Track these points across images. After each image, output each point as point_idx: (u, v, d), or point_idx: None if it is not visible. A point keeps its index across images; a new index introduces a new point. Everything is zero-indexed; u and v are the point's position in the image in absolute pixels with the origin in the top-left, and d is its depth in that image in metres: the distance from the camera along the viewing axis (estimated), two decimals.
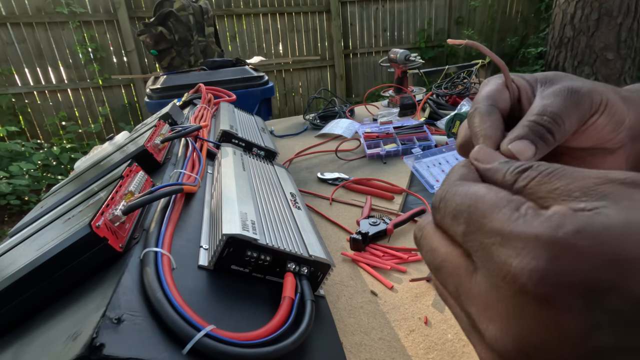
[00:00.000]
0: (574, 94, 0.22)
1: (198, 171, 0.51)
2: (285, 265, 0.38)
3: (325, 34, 4.21)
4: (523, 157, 0.20)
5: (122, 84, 3.56)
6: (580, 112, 0.22)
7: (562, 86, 0.22)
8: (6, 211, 2.59)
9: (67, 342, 0.23)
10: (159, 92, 1.66)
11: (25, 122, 3.27)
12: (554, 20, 4.07)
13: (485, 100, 0.23)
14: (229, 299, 0.34)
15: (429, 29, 4.62)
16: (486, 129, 0.22)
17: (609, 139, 0.23)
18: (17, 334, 0.29)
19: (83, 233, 0.29)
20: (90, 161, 0.69)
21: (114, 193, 0.36)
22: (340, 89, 4.37)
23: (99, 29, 3.39)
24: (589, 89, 0.22)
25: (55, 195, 0.59)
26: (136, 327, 0.25)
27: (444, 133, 1.09)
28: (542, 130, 0.21)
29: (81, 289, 0.30)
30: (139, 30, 2.06)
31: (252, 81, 1.75)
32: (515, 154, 0.20)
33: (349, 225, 0.71)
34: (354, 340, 0.46)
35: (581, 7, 3.75)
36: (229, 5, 3.77)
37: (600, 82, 0.24)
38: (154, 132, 0.58)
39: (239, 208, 0.40)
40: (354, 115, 1.43)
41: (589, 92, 0.22)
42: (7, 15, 3.06)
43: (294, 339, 0.30)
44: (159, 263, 0.31)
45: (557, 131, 0.21)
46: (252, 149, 0.72)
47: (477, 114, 0.23)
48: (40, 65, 3.26)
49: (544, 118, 0.21)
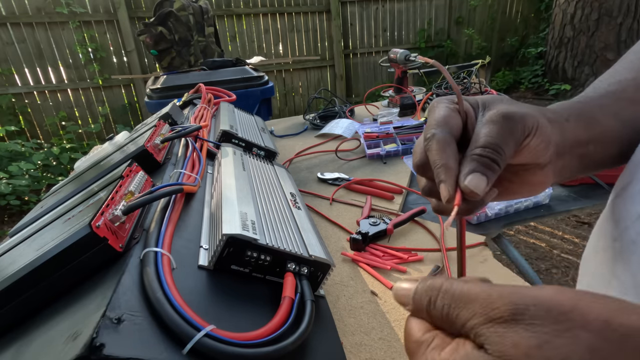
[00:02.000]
0: (509, 120, 0.25)
1: (198, 171, 0.51)
2: (285, 265, 0.38)
3: (325, 34, 4.21)
4: (479, 190, 0.24)
5: (122, 84, 3.56)
6: (515, 137, 0.25)
7: (498, 112, 0.25)
8: (6, 211, 2.59)
9: (67, 342, 0.23)
10: (159, 92, 1.66)
11: (25, 122, 3.27)
12: (554, 20, 4.08)
13: (442, 127, 0.26)
14: (229, 299, 0.34)
15: (429, 29, 4.62)
16: (447, 161, 0.25)
17: (540, 156, 0.26)
18: (17, 334, 0.29)
19: (83, 233, 0.29)
20: (90, 161, 0.69)
21: (114, 193, 0.36)
22: (340, 89, 4.37)
23: (99, 29, 3.39)
24: (522, 114, 0.25)
25: (55, 195, 0.59)
26: (136, 327, 0.25)
27: None
28: (488, 161, 0.24)
29: (81, 289, 0.30)
30: (139, 30, 2.06)
31: (252, 81, 1.75)
32: (473, 189, 0.24)
33: (349, 225, 0.71)
34: (354, 340, 0.46)
35: (581, 7, 3.75)
36: (229, 5, 3.78)
37: (531, 106, 0.27)
38: (154, 132, 0.58)
39: (239, 208, 0.40)
40: (354, 115, 1.43)
41: (521, 118, 0.25)
42: (7, 15, 3.06)
43: (294, 339, 0.30)
44: (159, 263, 0.31)
45: (500, 160, 0.24)
46: (252, 149, 0.72)
47: (436, 142, 0.25)
48: (40, 65, 3.26)
49: (486, 150, 0.24)
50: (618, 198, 0.30)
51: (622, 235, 0.27)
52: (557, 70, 4.18)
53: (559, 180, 0.31)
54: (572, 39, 3.91)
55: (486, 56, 3.79)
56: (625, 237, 0.27)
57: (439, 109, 0.27)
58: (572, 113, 0.29)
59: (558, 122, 0.28)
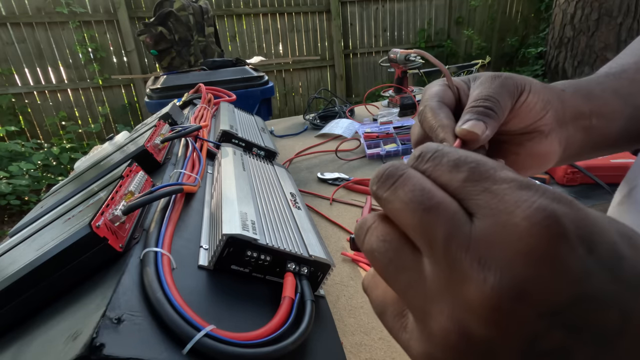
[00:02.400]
0: (497, 78, 0.26)
1: (198, 171, 0.51)
2: (285, 265, 0.38)
3: (325, 34, 4.21)
4: (478, 131, 0.23)
5: (122, 84, 3.56)
6: (508, 90, 0.25)
7: (486, 76, 0.27)
8: (6, 211, 2.59)
9: (67, 342, 0.23)
10: (159, 92, 1.66)
11: (25, 122, 3.27)
12: (554, 20, 4.07)
13: (433, 98, 0.27)
14: (229, 299, 0.34)
15: (429, 29, 4.62)
16: (442, 120, 0.25)
17: (540, 116, 0.26)
18: (17, 334, 0.29)
19: (83, 233, 0.29)
20: (90, 161, 0.69)
21: (114, 193, 0.36)
22: (340, 89, 4.37)
23: (99, 29, 3.39)
24: (511, 75, 0.26)
25: (55, 195, 0.59)
26: (136, 327, 0.25)
27: None
28: (484, 109, 0.24)
29: (81, 289, 0.30)
30: (139, 30, 2.06)
31: (252, 81, 1.75)
32: (470, 129, 0.23)
33: (349, 225, 0.71)
34: (354, 340, 0.46)
35: (581, 7, 3.75)
36: (229, 5, 3.77)
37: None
38: (154, 132, 0.58)
39: (239, 208, 0.40)
40: (354, 115, 1.43)
41: (509, 76, 0.26)
42: (7, 15, 3.06)
43: (294, 339, 0.30)
44: (159, 263, 0.31)
45: (496, 107, 0.24)
46: (252, 149, 0.72)
47: (429, 110, 0.26)
48: (40, 65, 3.26)
49: (479, 101, 0.24)
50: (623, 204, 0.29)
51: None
52: (557, 70, 4.18)
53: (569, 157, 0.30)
54: (572, 39, 3.91)
55: (486, 56, 3.79)
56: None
57: (431, 88, 0.28)
58: (569, 86, 0.29)
59: (553, 89, 0.28)
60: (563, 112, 0.28)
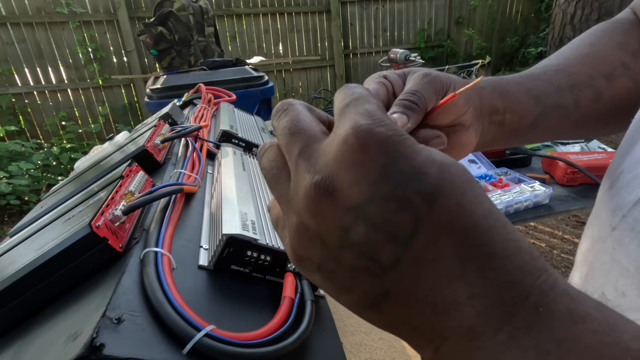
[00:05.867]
0: (427, 75, 0.29)
1: (198, 171, 0.51)
2: (285, 265, 0.38)
3: (325, 34, 4.21)
4: (400, 123, 0.26)
5: (122, 84, 3.56)
6: (434, 87, 0.28)
7: (419, 73, 0.30)
8: (6, 211, 2.59)
9: (67, 342, 0.23)
10: (159, 92, 1.66)
11: (25, 122, 3.27)
12: (554, 20, 4.07)
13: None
14: (229, 299, 0.34)
15: (429, 29, 4.62)
16: None
17: (463, 112, 0.30)
18: (17, 334, 0.29)
19: (83, 233, 0.29)
20: (90, 161, 0.69)
21: (114, 193, 0.36)
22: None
23: (99, 29, 3.39)
24: (438, 74, 0.29)
25: (55, 195, 0.59)
26: (136, 327, 0.25)
27: None
28: (408, 103, 0.27)
29: (81, 289, 0.30)
30: (139, 30, 2.06)
31: (252, 81, 1.75)
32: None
33: None
34: (354, 340, 0.46)
35: (581, 7, 3.75)
36: (229, 5, 3.78)
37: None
38: (154, 132, 0.58)
39: (239, 208, 0.40)
40: None
41: (438, 75, 0.29)
42: (7, 15, 3.06)
43: (294, 339, 0.30)
44: (159, 263, 0.31)
45: (419, 102, 0.27)
46: (252, 149, 0.72)
47: None
48: (40, 65, 3.26)
49: (407, 95, 0.27)
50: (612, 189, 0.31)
51: (620, 223, 0.29)
52: None
53: (482, 145, 0.35)
54: (572, 39, 3.91)
55: (486, 56, 3.79)
56: (623, 225, 0.28)
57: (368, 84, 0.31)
58: (488, 84, 0.34)
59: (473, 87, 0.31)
60: (481, 108, 0.32)
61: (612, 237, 0.30)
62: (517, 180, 0.87)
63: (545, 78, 0.36)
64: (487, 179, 0.90)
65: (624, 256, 0.28)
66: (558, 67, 0.37)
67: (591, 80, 0.36)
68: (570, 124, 0.36)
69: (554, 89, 0.35)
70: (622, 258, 0.28)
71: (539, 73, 0.36)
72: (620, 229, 0.29)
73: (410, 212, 0.15)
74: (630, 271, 0.27)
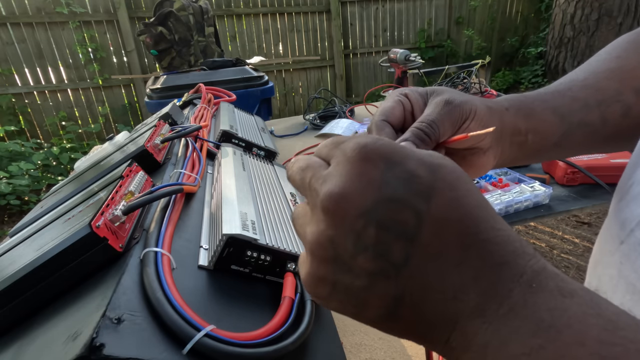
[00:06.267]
0: (448, 104, 0.29)
1: (198, 171, 0.51)
2: (285, 265, 0.38)
3: (325, 34, 4.21)
4: None
5: (122, 84, 3.56)
6: (452, 118, 0.28)
7: (442, 98, 0.29)
8: (6, 211, 2.59)
9: (67, 342, 0.23)
10: (159, 92, 1.66)
11: (25, 122, 3.27)
12: (554, 20, 4.08)
13: (379, 116, 0.30)
14: (229, 299, 0.34)
15: (429, 29, 4.62)
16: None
17: (480, 139, 0.30)
18: (17, 334, 0.29)
19: (83, 233, 0.29)
20: (90, 161, 0.69)
21: (114, 193, 0.36)
22: (340, 89, 4.37)
23: (99, 29, 3.39)
24: (461, 101, 0.29)
25: (55, 195, 0.59)
26: (136, 327, 0.25)
27: None
28: (421, 133, 0.27)
29: (81, 289, 0.30)
30: (139, 30, 2.06)
31: (252, 81, 1.75)
32: None
33: None
34: (354, 340, 0.45)
35: (581, 7, 3.75)
36: (229, 5, 3.78)
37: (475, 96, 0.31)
38: (154, 132, 0.58)
39: (239, 208, 0.40)
40: (354, 115, 1.43)
41: (460, 103, 0.29)
42: (7, 15, 3.06)
43: (294, 339, 0.30)
44: (159, 263, 0.31)
45: (432, 134, 0.28)
46: (252, 149, 0.72)
47: (374, 127, 0.30)
48: (40, 65, 3.26)
49: (422, 124, 0.28)
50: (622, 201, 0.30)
51: (628, 237, 0.28)
52: (557, 70, 4.18)
53: (502, 164, 0.35)
54: (572, 39, 3.91)
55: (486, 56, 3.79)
56: (631, 240, 0.27)
57: (384, 103, 0.31)
58: (513, 104, 0.33)
59: (498, 110, 0.31)
60: (501, 131, 0.32)
61: (620, 251, 0.29)
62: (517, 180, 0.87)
63: (571, 95, 0.35)
64: (487, 179, 0.89)
65: (631, 272, 0.27)
66: (584, 82, 0.36)
67: (619, 95, 0.35)
68: (597, 141, 0.35)
69: (580, 106, 0.34)
70: (629, 274, 0.27)
71: (564, 89, 0.35)
72: (628, 242, 0.28)
73: (411, 210, 0.17)
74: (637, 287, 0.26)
